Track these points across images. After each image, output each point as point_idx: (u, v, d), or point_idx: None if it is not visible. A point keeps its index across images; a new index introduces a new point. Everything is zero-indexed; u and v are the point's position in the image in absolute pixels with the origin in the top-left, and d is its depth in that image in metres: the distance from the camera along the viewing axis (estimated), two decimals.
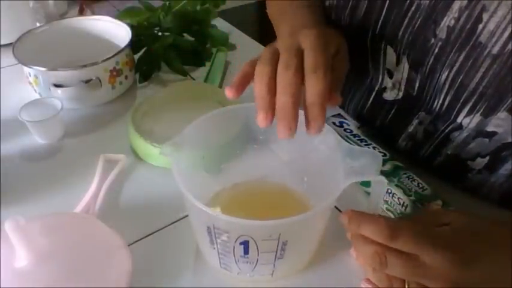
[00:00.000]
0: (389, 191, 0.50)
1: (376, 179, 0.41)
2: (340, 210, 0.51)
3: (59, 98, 0.63)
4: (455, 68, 0.47)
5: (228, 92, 0.42)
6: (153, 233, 0.50)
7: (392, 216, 0.51)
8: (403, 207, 0.49)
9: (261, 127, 0.39)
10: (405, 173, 0.51)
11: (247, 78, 0.43)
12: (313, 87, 0.39)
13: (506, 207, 0.51)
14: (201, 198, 0.38)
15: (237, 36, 0.90)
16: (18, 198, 0.54)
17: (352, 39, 0.56)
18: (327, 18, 0.61)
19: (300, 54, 0.41)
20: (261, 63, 0.41)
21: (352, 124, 0.59)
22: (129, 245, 0.46)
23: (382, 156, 0.47)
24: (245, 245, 0.40)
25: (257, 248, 0.40)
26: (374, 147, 0.55)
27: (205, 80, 0.74)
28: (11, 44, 0.69)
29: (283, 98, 0.39)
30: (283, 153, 0.51)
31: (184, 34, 0.79)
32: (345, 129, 0.58)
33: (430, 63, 0.49)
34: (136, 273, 0.41)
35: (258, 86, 0.40)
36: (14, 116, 0.60)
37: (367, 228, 0.40)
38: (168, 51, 0.74)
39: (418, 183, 0.50)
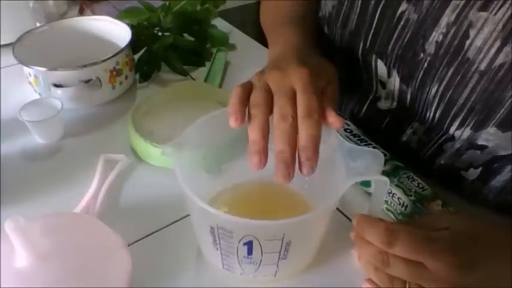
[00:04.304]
0: (389, 191, 0.50)
1: (379, 178, 0.41)
2: (340, 211, 0.51)
3: (59, 98, 0.63)
4: (444, 83, 0.47)
5: (233, 123, 0.42)
6: (153, 233, 0.50)
7: (392, 216, 0.51)
8: (403, 207, 0.49)
9: (254, 170, 0.40)
10: (405, 173, 0.51)
11: (243, 104, 0.43)
12: (307, 131, 0.40)
13: (504, 215, 0.51)
14: (202, 198, 0.38)
15: (237, 36, 0.90)
16: (18, 198, 0.54)
17: (345, 51, 0.56)
18: (319, 31, 0.61)
19: (293, 99, 0.42)
20: (256, 107, 0.42)
21: (352, 124, 0.59)
22: (129, 245, 0.46)
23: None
24: (249, 245, 0.40)
25: (261, 249, 0.40)
26: (374, 147, 0.55)
27: (205, 80, 0.74)
28: (11, 44, 0.69)
29: (281, 147, 0.40)
30: None
31: (184, 34, 0.79)
32: (345, 129, 0.58)
33: (419, 77, 0.49)
34: (136, 273, 0.41)
35: (253, 132, 0.41)
36: (14, 116, 0.60)
37: (368, 232, 0.40)
38: (168, 51, 0.74)
39: (418, 183, 0.50)
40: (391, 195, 0.50)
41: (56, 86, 0.64)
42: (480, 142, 0.48)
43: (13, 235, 0.37)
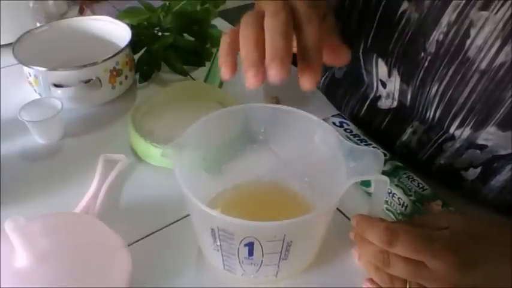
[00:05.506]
0: (389, 191, 0.50)
1: (379, 178, 0.41)
2: (340, 211, 0.51)
3: (59, 98, 0.63)
4: (444, 82, 0.47)
5: (224, 74, 0.39)
6: (153, 233, 0.50)
7: (392, 216, 0.51)
8: (403, 207, 0.49)
9: (251, 86, 0.35)
10: (405, 173, 0.51)
11: (233, 50, 0.39)
12: (309, 35, 0.36)
13: (504, 215, 0.51)
14: (202, 199, 0.38)
15: None
16: (18, 198, 0.54)
17: None
18: None
19: (289, 8, 0.37)
20: (245, 28, 0.37)
21: (352, 124, 0.59)
22: (129, 245, 0.46)
23: None
24: (250, 246, 0.40)
25: (262, 250, 0.40)
26: (374, 147, 0.55)
27: (205, 80, 0.74)
28: (11, 44, 0.69)
29: (274, 42, 0.35)
30: (283, 153, 0.51)
31: (184, 34, 0.79)
32: (345, 129, 0.58)
33: (420, 76, 0.50)
34: (136, 273, 0.41)
35: (245, 48, 0.36)
36: (14, 116, 0.60)
37: (368, 231, 0.40)
38: (168, 51, 0.74)
39: (418, 183, 0.50)
40: (391, 195, 0.50)
41: (56, 86, 0.64)
42: (480, 142, 0.48)
43: (13, 235, 0.37)
